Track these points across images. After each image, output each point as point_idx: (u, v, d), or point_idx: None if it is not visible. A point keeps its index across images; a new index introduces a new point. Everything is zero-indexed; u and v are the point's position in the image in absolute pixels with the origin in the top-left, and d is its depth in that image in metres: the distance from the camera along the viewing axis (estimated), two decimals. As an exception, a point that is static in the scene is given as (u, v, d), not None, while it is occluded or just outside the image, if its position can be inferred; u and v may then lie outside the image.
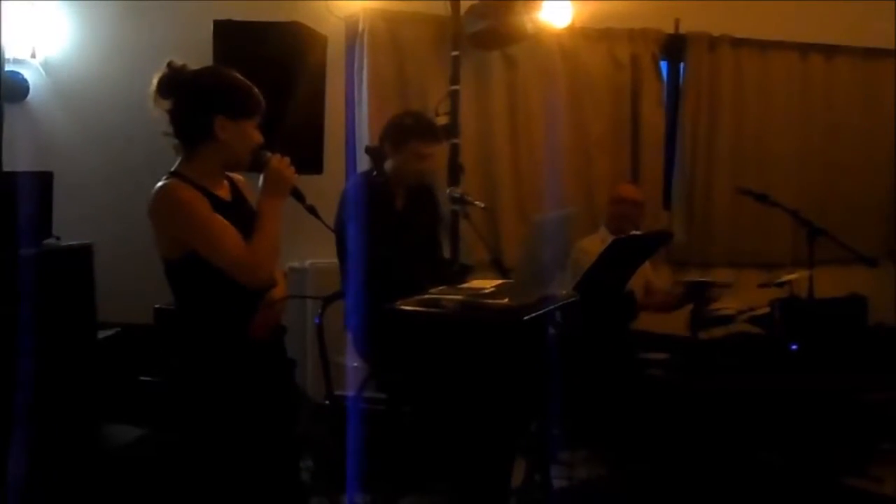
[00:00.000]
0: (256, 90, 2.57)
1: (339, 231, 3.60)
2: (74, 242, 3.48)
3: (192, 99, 2.50)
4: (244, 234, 2.51)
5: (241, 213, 2.59)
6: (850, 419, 4.46)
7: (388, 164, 3.71)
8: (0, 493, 2.80)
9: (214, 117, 2.48)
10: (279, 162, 2.56)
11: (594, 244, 4.62)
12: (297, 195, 2.66)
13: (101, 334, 3.67)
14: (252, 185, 2.75)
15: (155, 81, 2.51)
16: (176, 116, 2.52)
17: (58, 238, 3.46)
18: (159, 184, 2.47)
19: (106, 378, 3.55)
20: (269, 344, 2.65)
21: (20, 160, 3.50)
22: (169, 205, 2.43)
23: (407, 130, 3.70)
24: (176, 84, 2.51)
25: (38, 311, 2.97)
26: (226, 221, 2.47)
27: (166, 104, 2.52)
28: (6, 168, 3.28)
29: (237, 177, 2.70)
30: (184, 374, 2.56)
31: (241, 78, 2.59)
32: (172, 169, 2.53)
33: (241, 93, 2.53)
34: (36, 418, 2.90)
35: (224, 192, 2.61)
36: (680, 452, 4.12)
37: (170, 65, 2.53)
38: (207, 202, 2.46)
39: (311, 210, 2.70)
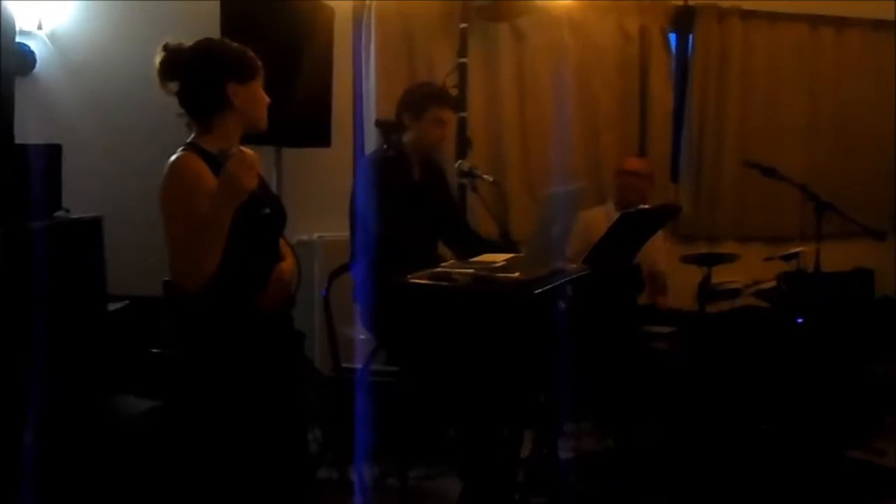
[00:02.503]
0: (251, 51, 2.60)
1: (356, 206, 3.61)
2: (84, 215, 3.48)
3: (200, 73, 2.52)
4: (257, 206, 2.51)
5: (257, 186, 2.61)
6: (855, 392, 4.48)
7: (408, 136, 3.74)
8: (14, 464, 2.82)
9: (226, 85, 2.50)
10: (236, 164, 2.32)
11: (597, 217, 4.62)
12: (254, 203, 2.44)
13: (111, 307, 3.68)
14: (261, 159, 2.76)
15: (156, 66, 2.52)
16: (187, 94, 2.54)
17: (67, 211, 3.46)
18: (174, 156, 2.47)
19: (116, 350, 3.57)
20: (277, 316, 2.66)
21: (28, 133, 3.49)
22: (168, 175, 2.43)
23: (425, 98, 3.76)
24: (178, 64, 2.52)
25: (48, 283, 2.97)
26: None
27: (173, 86, 2.53)
28: (15, 141, 3.27)
29: (248, 151, 2.69)
30: (192, 346, 2.58)
31: (234, 43, 2.62)
32: (189, 140, 2.55)
33: (242, 56, 2.57)
34: (47, 390, 2.91)
35: None
36: (685, 425, 4.14)
37: (166, 47, 2.53)
38: (209, 187, 2.40)
39: (268, 217, 2.60)
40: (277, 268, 2.64)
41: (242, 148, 2.41)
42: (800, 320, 4.38)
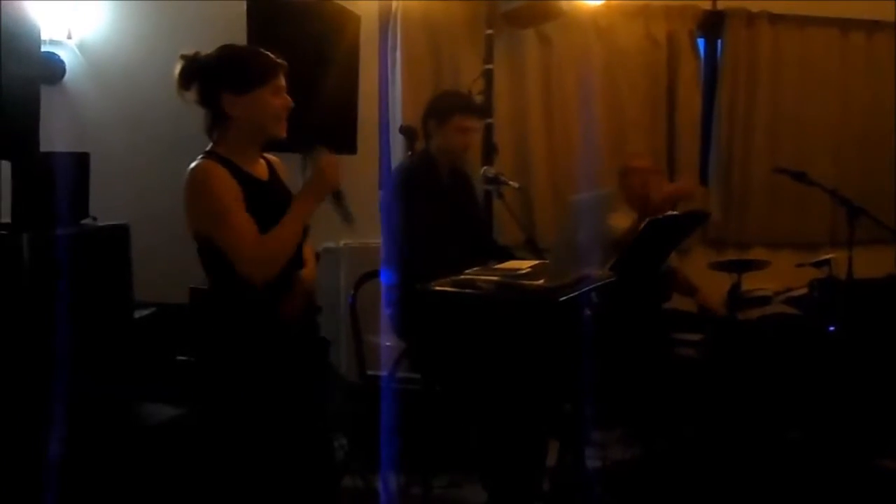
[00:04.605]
0: (267, 54, 2.55)
1: (389, 207, 3.62)
2: (111, 223, 3.50)
3: (200, 83, 2.53)
4: (278, 215, 2.52)
5: (277, 193, 2.64)
6: (887, 401, 4.41)
7: (433, 143, 3.75)
8: (39, 471, 2.84)
9: (221, 96, 2.49)
10: (327, 163, 2.56)
11: (619, 220, 4.54)
12: (338, 197, 2.62)
13: (138, 314, 3.69)
14: (286, 166, 2.77)
15: (176, 76, 2.53)
16: (199, 103, 2.55)
17: (94, 218, 3.48)
18: (193, 163, 2.49)
19: (142, 357, 3.58)
20: (302, 323, 2.66)
21: (56, 141, 3.52)
22: (197, 184, 2.46)
23: (449, 106, 3.77)
24: (191, 73, 2.53)
25: (75, 290, 2.99)
26: (244, 214, 2.45)
27: (190, 95, 2.54)
28: (43, 149, 3.31)
29: (272, 157, 2.71)
30: (218, 352, 2.58)
31: (250, 48, 2.63)
32: (207, 148, 2.56)
33: (243, 64, 2.53)
34: (73, 397, 2.93)
35: (261, 171, 2.63)
36: (714, 433, 4.10)
37: (182, 57, 2.54)
38: (235, 187, 2.46)
39: (345, 216, 2.66)
40: (297, 274, 2.65)
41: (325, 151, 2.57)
42: (832, 328, 4.33)
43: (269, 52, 2.58)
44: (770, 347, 4.38)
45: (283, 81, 2.56)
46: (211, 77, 2.51)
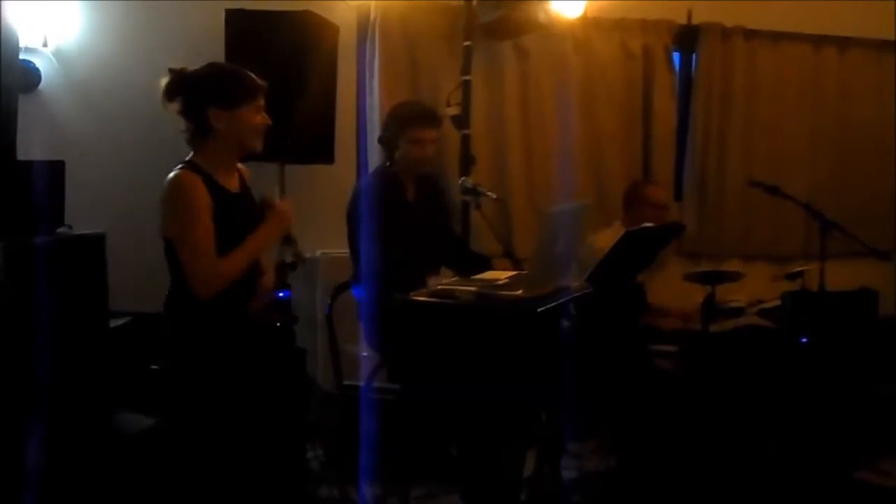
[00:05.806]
0: (251, 75, 2.69)
1: (352, 224, 3.63)
2: (87, 231, 3.48)
3: (188, 96, 2.64)
4: (248, 225, 2.66)
5: (245, 205, 2.76)
6: (860, 412, 4.46)
7: (395, 155, 3.75)
8: (17, 482, 2.81)
9: (208, 110, 2.62)
10: (284, 209, 2.77)
11: (608, 241, 4.54)
12: (288, 241, 2.90)
13: (113, 323, 3.67)
14: (264, 175, 2.80)
15: (161, 87, 2.64)
16: (182, 115, 2.66)
17: (70, 227, 3.46)
18: (172, 172, 2.60)
19: (118, 366, 3.56)
20: (263, 318, 2.75)
21: (32, 149, 3.50)
22: (173, 193, 2.58)
23: (402, 118, 3.77)
24: (178, 86, 2.64)
25: (51, 299, 2.97)
26: (208, 231, 2.57)
27: (173, 107, 2.66)
28: (18, 157, 3.28)
29: (241, 167, 2.80)
30: (191, 358, 2.61)
31: (235, 68, 2.73)
32: (186, 158, 2.66)
33: (231, 82, 2.66)
34: (49, 407, 2.90)
35: (234, 184, 2.74)
36: (689, 444, 4.12)
37: (171, 71, 2.66)
38: (207, 200, 2.57)
39: (296, 257, 2.97)
40: (259, 280, 2.81)
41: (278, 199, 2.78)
42: (804, 340, 4.36)
43: (252, 74, 2.70)
44: (743, 359, 4.41)
45: (262, 101, 2.71)
46: (199, 92, 2.62)
